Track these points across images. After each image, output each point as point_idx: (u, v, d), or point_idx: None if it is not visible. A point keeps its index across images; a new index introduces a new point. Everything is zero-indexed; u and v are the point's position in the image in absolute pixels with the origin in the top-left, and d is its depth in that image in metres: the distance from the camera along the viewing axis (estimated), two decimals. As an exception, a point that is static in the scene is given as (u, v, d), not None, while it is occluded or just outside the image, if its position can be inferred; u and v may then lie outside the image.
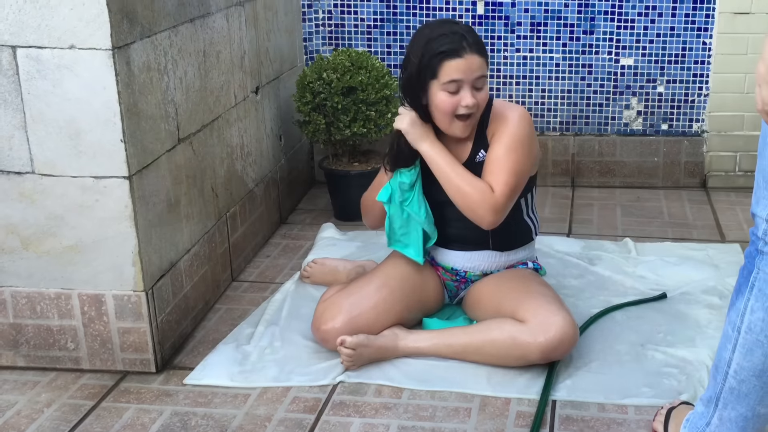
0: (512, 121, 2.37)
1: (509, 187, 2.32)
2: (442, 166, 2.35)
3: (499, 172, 2.33)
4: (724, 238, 3.31)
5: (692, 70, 3.74)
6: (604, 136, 3.86)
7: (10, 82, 2.16)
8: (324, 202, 3.72)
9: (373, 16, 3.79)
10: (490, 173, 2.34)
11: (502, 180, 2.32)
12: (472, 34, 2.31)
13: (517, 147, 2.34)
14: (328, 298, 2.49)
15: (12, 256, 2.32)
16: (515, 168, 2.33)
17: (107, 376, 2.39)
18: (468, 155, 2.42)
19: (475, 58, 2.28)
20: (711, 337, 2.50)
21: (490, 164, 2.35)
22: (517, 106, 2.43)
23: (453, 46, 2.27)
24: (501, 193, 2.31)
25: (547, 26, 3.73)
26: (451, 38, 2.28)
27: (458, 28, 2.31)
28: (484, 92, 2.33)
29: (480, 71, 2.30)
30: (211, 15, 2.73)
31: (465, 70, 2.27)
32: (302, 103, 3.36)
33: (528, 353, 2.28)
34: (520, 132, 2.36)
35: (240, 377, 2.36)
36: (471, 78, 2.29)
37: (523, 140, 2.36)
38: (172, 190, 2.47)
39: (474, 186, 2.32)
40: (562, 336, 2.26)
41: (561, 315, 2.29)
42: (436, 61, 2.27)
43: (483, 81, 2.32)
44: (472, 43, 2.29)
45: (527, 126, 2.38)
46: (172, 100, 2.45)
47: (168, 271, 2.46)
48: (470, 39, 2.29)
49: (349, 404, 2.24)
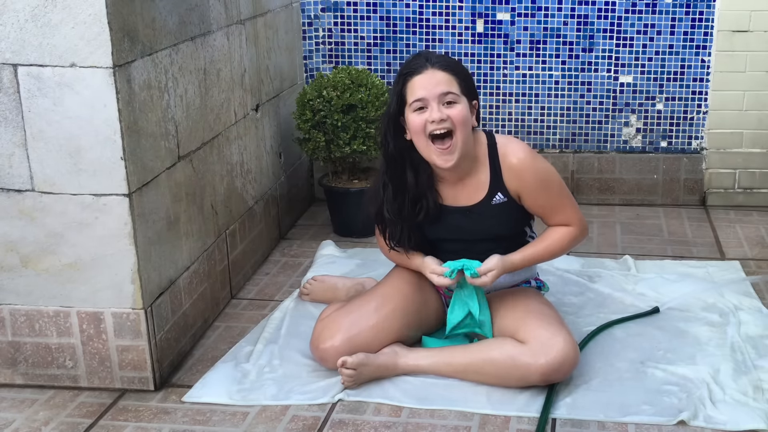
0: (528, 164, 2.36)
1: (574, 210, 2.43)
2: (535, 261, 2.44)
3: (560, 210, 2.40)
4: (723, 255, 3.31)
5: (691, 88, 3.75)
6: (603, 154, 3.87)
7: (10, 99, 2.16)
8: (323, 220, 3.72)
9: (372, 34, 3.80)
10: (553, 216, 2.42)
11: (568, 214, 2.41)
12: (438, 56, 2.32)
13: (547, 181, 2.39)
14: (327, 317, 2.48)
15: (11, 274, 2.32)
16: (561, 191, 2.41)
17: (105, 394, 2.38)
18: (484, 197, 2.39)
19: (437, 72, 2.26)
20: (711, 355, 2.49)
21: (546, 209, 2.41)
22: (519, 146, 2.39)
23: (415, 65, 2.29)
24: (577, 221, 2.43)
25: (546, 44, 3.74)
26: (415, 61, 2.31)
27: (426, 53, 2.34)
28: (456, 109, 2.26)
29: (445, 86, 2.25)
30: (211, 33, 2.75)
31: (427, 86, 2.25)
32: (302, 121, 3.37)
33: (528, 375, 2.27)
34: (541, 168, 2.38)
35: (238, 395, 2.35)
36: (435, 93, 2.24)
37: (547, 171, 2.39)
38: (171, 208, 2.47)
39: (561, 244, 2.42)
40: (563, 358, 2.25)
41: (562, 336, 2.28)
42: (402, 83, 2.29)
43: (453, 97, 2.26)
44: (436, 61, 2.28)
45: (539, 159, 2.40)
46: (172, 118, 2.46)
47: (167, 289, 2.45)
48: (434, 58, 2.29)
49: (348, 423, 2.23)
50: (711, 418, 2.20)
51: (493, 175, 2.37)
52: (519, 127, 3.86)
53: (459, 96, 2.27)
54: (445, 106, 2.26)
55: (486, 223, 2.40)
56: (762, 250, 3.34)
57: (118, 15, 2.13)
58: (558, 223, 2.42)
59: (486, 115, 3.86)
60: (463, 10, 3.73)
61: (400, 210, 2.39)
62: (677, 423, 2.19)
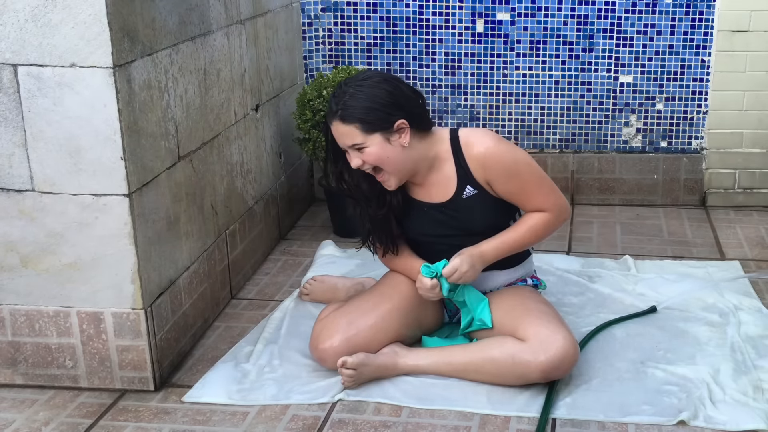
0: (492, 151, 2.32)
1: (550, 194, 2.37)
2: (510, 249, 2.39)
3: (533, 195, 2.36)
4: (723, 255, 3.31)
5: (691, 88, 3.75)
6: (603, 154, 3.87)
7: (10, 100, 2.17)
8: (323, 220, 3.72)
9: (372, 34, 3.81)
10: (527, 202, 2.37)
11: (543, 199, 2.36)
12: (340, 99, 2.25)
13: (515, 166, 2.34)
14: (326, 317, 2.48)
15: (11, 274, 2.32)
16: (532, 175, 2.35)
17: (105, 394, 2.38)
18: (454, 192, 2.39)
19: (339, 126, 2.26)
20: (711, 355, 2.49)
21: (518, 196, 2.37)
22: (482, 135, 2.37)
23: (327, 113, 2.31)
24: (552, 205, 2.37)
25: (546, 44, 3.74)
26: (329, 104, 2.30)
27: (335, 94, 2.29)
28: (367, 154, 2.27)
29: (349, 139, 2.26)
30: (211, 33, 2.75)
31: (337, 138, 2.29)
32: (302, 121, 3.37)
33: (528, 372, 2.27)
34: (506, 154, 2.34)
35: (238, 396, 2.35)
36: (345, 145, 2.29)
37: (514, 157, 2.35)
38: (171, 208, 2.47)
39: (536, 231, 2.37)
40: (563, 355, 2.26)
41: (561, 334, 2.28)
42: (326, 127, 2.33)
43: (359, 145, 2.26)
44: (337, 109, 2.25)
45: (503, 145, 2.35)
46: (172, 118, 2.46)
47: (167, 289, 2.45)
48: (336, 105, 2.26)
49: (348, 423, 2.23)
50: (711, 418, 2.20)
51: (459, 170, 2.37)
52: (519, 127, 3.86)
53: (366, 138, 2.25)
54: (359, 152, 2.27)
55: (463, 217, 2.40)
56: (762, 250, 3.34)
57: (118, 15, 2.13)
58: (534, 208, 2.39)
59: (486, 115, 3.86)
60: (463, 10, 3.73)
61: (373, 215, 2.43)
62: (677, 423, 2.19)
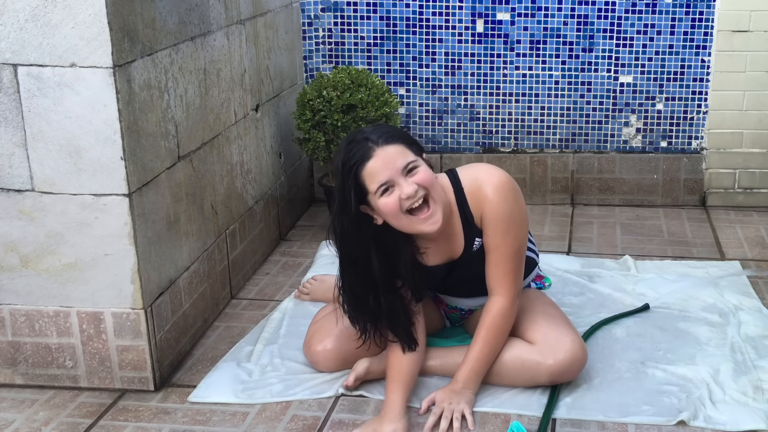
0: (494, 199, 2.22)
1: (515, 277, 2.26)
2: (484, 363, 2.26)
3: (504, 261, 2.24)
4: (723, 255, 3.31)
5: (691, 88, 3.75)
6: (603, 154, 3.87)
7: (10, 100, 2.17)
8: (323, 220, 3.72)
9: (372, 34, 3.80)
10: (494, 263, 2.25)
11: (509, 277, 2.25)
12: (375, 130, 2.14)
13: (510, 226, 2.22)
14: (320, 320, 2.48)
15: (11, 274, 2.32)
16: (515, 242, 2.24)
17: (105, 394, 2.38)
18: (463, 248, 2.29)
19: (387, 148, 2.10)
20: (711, 355, 2.49)
21: (490, 254, 2.25)
22: (490, 175, 2.24)
23: (361, 152, 2.10)
24: (506, 290, 2.26)
25: (546, 44, 3.74)
26: (357, 147, 2.11)
27: (364, 132, 2.15)
28: (420, 174, 2.11)
29: (402, 158, 2.10)
30: (211, 33, 2.75)
31: (386, 166, 2.09)
32: (302, 121, 3.37)
33: (537, 375, 2.27)
34: (507, 208, 2.22)
35: (244, 394, 2.35)
36: (397, 169, 2.09)
37: (513, 215, 2.23)
38: (171, 208, 2.47)
39: (500, 330, 2.26)
40: (572, 358, 2.25)
41: (570, 337, 2.28)
42: (354, 175, 2.10)
43: (412, 164, 2.12)
44: (379, 137, 2.11)
45: (510, 195, 2.23)
46: (172, 118, 2.46)
47: (167, 289, 2.45)
48: (375, 135, 2.12)
49: (348, 422, 2.23)
50: (711, 418, 2.20)
51: (464, 220, 2.26)
52: (519, 127, 3.86)
53: (416, 159, 2.14)
54: (410, 175, 2.12)
55: (474, 269, 2.32)
56: (762, 250, 3.34)
57: (118, 15, 2.13)
58: (494, 278, 2.26)
59: (486, 115, 3.86)
60: (463, 10, 3.73)
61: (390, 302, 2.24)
62: (677, 423, 2.19)
